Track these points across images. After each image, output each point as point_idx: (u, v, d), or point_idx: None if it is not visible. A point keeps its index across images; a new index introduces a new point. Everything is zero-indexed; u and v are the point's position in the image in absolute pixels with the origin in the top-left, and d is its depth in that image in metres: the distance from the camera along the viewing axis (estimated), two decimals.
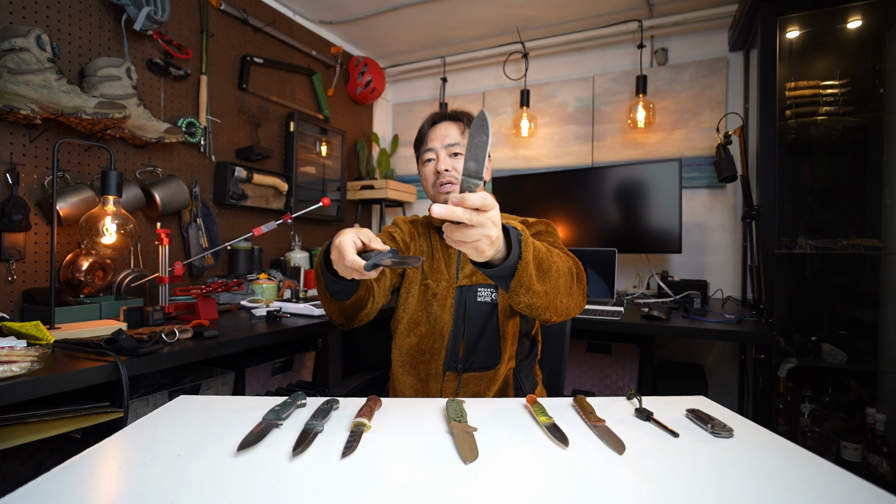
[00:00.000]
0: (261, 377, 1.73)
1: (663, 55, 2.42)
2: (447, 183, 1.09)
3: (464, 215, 0.61)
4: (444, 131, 1.12)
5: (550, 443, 0.62)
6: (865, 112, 1.82)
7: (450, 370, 1.07)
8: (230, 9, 2.04)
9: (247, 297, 1.78)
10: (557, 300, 0.85)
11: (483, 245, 0.65)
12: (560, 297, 0.86)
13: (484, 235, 0.64)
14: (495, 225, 0.65)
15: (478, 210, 0.62)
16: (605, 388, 2.14)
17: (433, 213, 0.62)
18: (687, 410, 0.72)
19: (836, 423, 1.70)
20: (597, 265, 2.03)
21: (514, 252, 0.74)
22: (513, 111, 2.78)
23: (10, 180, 1.36)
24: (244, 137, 2.17)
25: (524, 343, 1.13)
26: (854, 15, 1.81)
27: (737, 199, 2.26)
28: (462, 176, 0.64)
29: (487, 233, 0.64)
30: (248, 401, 0.76)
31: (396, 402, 0.78)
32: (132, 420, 0.70)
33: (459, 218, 0.62)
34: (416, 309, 1.11)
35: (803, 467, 0.55)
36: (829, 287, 1.96)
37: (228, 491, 0.48)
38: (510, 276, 0.76)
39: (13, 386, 0.84)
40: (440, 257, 1.14)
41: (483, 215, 0.63)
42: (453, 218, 0.62)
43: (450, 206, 0.61)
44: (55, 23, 1.48)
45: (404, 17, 2.46)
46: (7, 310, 1.37)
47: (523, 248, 0.74)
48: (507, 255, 0.74)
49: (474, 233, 0.64)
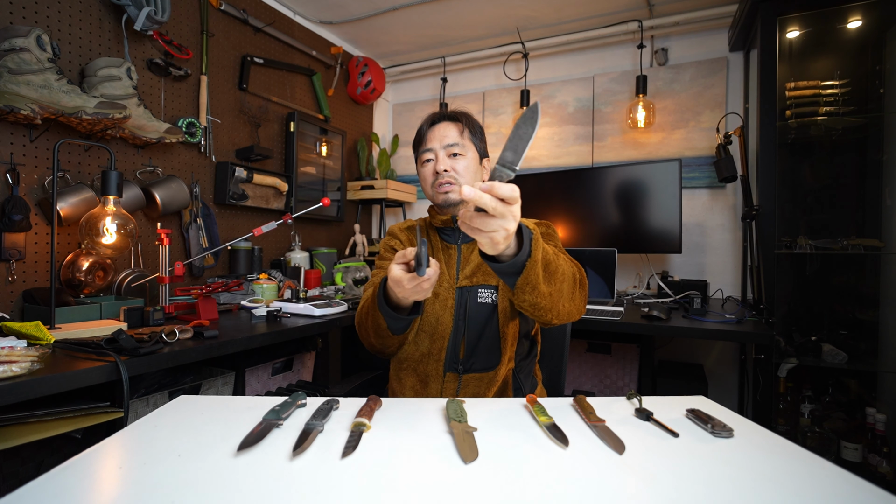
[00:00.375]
0: (261, 377, 1.73)
1: (663, 55, 2.42)
2: (446, 183, 1.08)
3: (490, 203, 0.61)
4: (442, 131, 1.11)
5: (550, 443, 0.62)
6: (865, 112, 1.82)
7: (450, 371, 1.06)
8: (230, 9, 2.05)
9: (247, 297, 1.78)
10: (560, 303, 0.86)
11: (499, 237, 0.65)
12: (563, 300, 0.87)
13: (502, 227, 0.64)
14: (515, 219, 0.64)
15: (503, 201, 0.62)
16: (605, 388, 2.14)
17: (462, 194, 0.60)
18: (687, 410, 0.72)
19: (836, 423, 1.70)
20: (597, 265, 2.03)
21: (524, 249, 0.74)
22: (513, 111, 2.78)
23: (11, 180, 1.36)
24: (244, 137, 2.17)
25: (523, 344, 1.13)
26: (854, 15, 1.81)
27: (737, 199, 2.26)
28: (497, 164, 0.63)
29: (506, 225, 0.64)
30: (248, 401, 0.76)
31: (396, 402, 0.78)
32: (132, 420, 0.70)
33: (486, 205, 0.61)
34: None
35: (803, 467, 0.55)
36: (829, 287, 1.96)
37: (228, 491, 0.48)
38: (517, 273, 0.76)
39: (13, 386, 0.84)
40: (440, 258, 1.13)
41: (507, 207, 0.62)
42: (480, 203, 0.61)
43: (478, 192, 0.60)
44: (55, 23, 1.48)
45: (404, 17, 2.46)
46: (7, 310, 1.37)
47: (534, 246, 0.74)
48: (516, 251, 0.74)
49: (494, 223, 0.63)
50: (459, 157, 1.10)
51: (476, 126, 1.15)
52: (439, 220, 1.14)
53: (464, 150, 1.10)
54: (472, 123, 1.14)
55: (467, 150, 1.11)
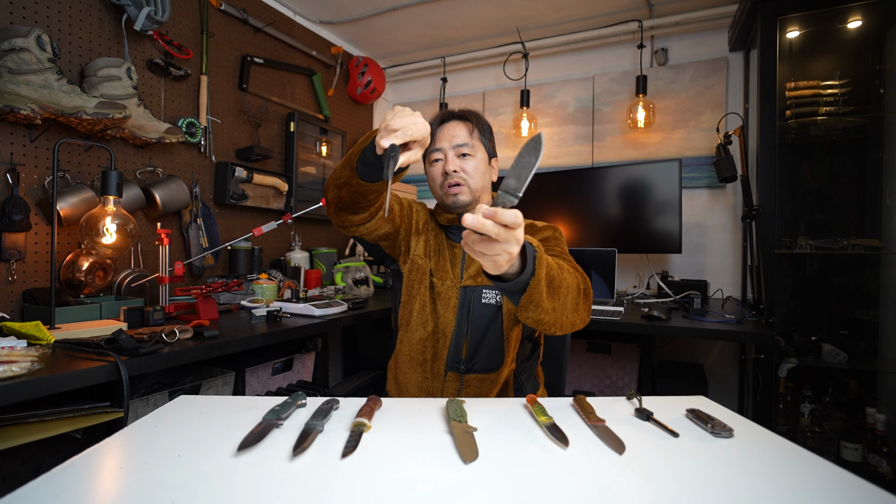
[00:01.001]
0: (261, 377, 1.73)
1: (663, 55, 2.42)
2: (455, 184, 1.07)
3: (493, 229, 0.61)
4: (452, 131, 1.09)
5: (550, 443, 0.62)
6: (865, 112, 1.82)
7: (452, 370, 1.06)
8: (230, 9, 2.05)
9: (247, 297, 1.78)
10: (564, 316, 0.86)
11: (501, 260, 0.65)
12: (567, 312, 0.86)
13: (505, 251, 0.64)
14: (518, 243, 0.64)
15: (506, 227, 0.62)
16: (605, 388, 2.14)
17: (464, 222, 0.60)
18: (687, 410, 0.72)
19: (836, 423, 1.70)
20: (597, 265, 2.03)
21: (528, 268, 0.74)
22: (513, 111, 2.78)
23: (11, 180, 1.36)
24: (244, 137, 2.17)
25: (526, 345, 1.12)
26: (854, 15, 1.81)
27: (737, 199, 2.26)
28: (500, 190, 0.63)
29: (510, 249, 0.64)
30: (248, 401, 0.76)
31: (396, 402, 0.78)
32: (132, 420, 0.70)
33: (489, 232, 0.61)
34: (421, 308, 1.10)
35: (803, 467, 0.55)
36: (829, 287, 1.96)
37: (228, 491, 0.48)
38: (521, 290, 0.76)
39: (13, 386, 0.84)
40: (446, 256, 1.13)
41: (510, 232, 0.62)
42: (483, 231, 0.61)
43: (481, 219, 0.60)
44: (55, 23, 1.48)
45: (404, 17, 2.46)
46: (7, 310, 1.37)
47: (537, 264, 0.74)
48: (520, 269, 0.74)
49: (497, 247, 0.63)
50: (469, 157, 1.08)
51: (485, 126, 1.14)
52: (445, 217, 1.13)
53: (473, 151, 1.09)
54: (482, 123, 1.13)
55: (477, 151, 1.10)
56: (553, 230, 1.11)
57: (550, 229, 1.11)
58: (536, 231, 1.12)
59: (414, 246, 1.14)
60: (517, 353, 1.09)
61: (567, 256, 1.04)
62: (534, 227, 1.13)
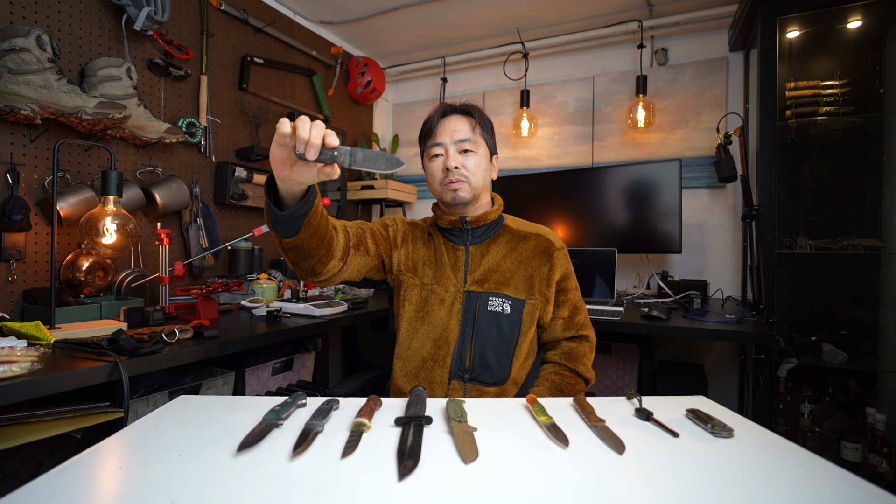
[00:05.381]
0: (261, 377, 1.72)
1: (663, 55, 2.42)
2: (456, 181, 1.04)
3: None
4: (453, 125, 1.06)
5: (550, 443, 0.62)
6: (865, 112, 1.82)
7: (455, 379, 1.02)
8: (230, 9, 2.05)
9: (247, 297, 1.78)
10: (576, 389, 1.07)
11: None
12: (578, 386, 1.07)
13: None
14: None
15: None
16: (605, 388, 2.13)
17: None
18: (687, 410, 0.72)
19: (836, 423, 1.70)
20: (597, 265, 2.03)
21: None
22: (513, 111, 2.78)
23: (11, 180, 1.36)
24: (244, 137, 2.17)
25: (529, 358, 1.10)
26: (854, 15, 1.81)
27: (737, 199, 2.26)
28: (350, 147, 0.72)
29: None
30: (248, 401, 0.76)
31: (396, 403, 0.78)
32: (132, 420, 0.70)
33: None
34: (415, 317, 1.06)
35: (803, 467, 0.55)
36: (829, 287, 1.96)
37: (228, 491, 0.48)
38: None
39: (13, 386, 0.84)
40: (447, 262, 1.09)
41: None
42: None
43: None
44: (55, 23, 1.48)
45: (404, 17, 2.46)
46: (7, 310, 1.37)
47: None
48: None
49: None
50: (470, 153, 1.05)
51: (487, 122, 1.11)
52: (446, 220, 1.09)
53: (475, 147, 1.05)
54: (484, 119, 1.10)
55: (478, 147, 1.06)
56: (563, 269, 1.11)
57: (573, 281, 1.14)
58: (561, 282, 1.11)
59: (396, 262, 1.10)
60: (524, 368, 1.06)
61: (577, 301, 1.12)
62: (552, 271, 1.09)
